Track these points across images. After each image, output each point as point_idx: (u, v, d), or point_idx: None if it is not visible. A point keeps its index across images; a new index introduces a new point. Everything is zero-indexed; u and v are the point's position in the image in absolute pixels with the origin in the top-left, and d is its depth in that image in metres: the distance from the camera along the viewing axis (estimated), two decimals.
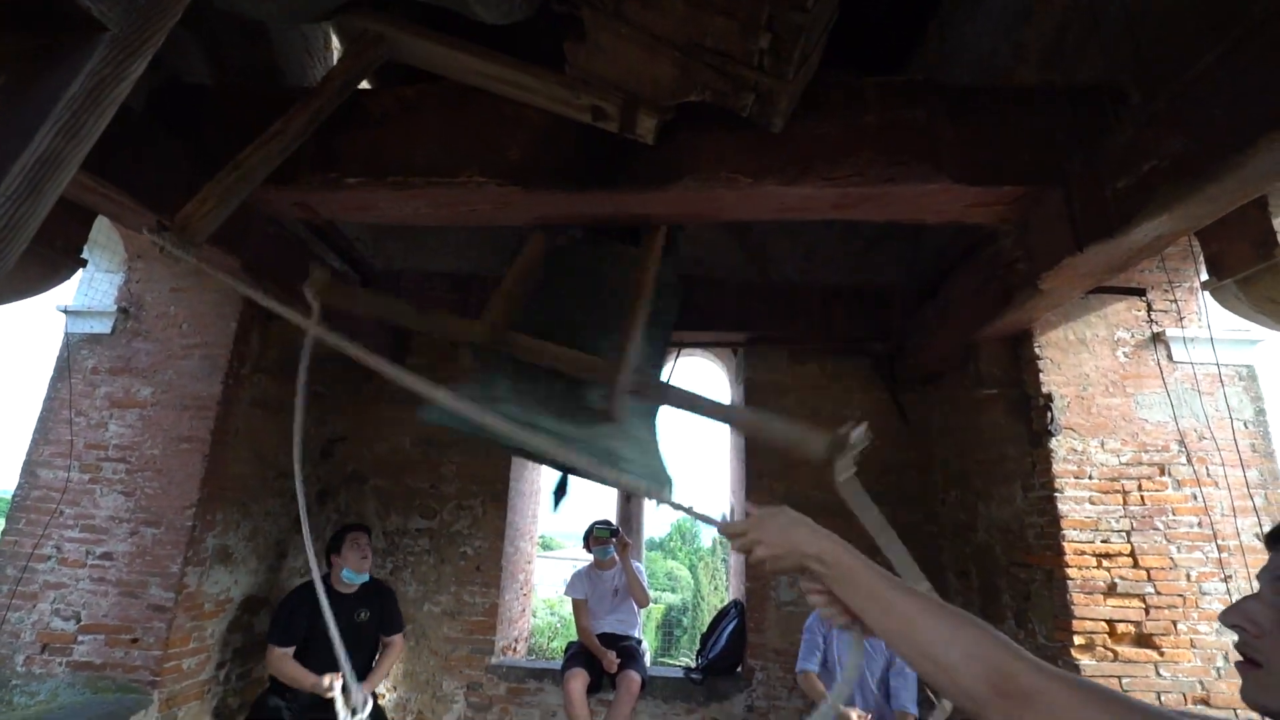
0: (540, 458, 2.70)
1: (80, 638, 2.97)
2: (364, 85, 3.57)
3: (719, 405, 2.15)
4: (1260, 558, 2.67)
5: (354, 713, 2.79)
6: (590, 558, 4.02)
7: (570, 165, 2.37)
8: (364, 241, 4.13)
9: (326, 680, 2.92)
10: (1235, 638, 0.76)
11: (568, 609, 5.03)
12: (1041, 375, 3.05)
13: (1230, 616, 0.76)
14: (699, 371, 8.04)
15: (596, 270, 2.60)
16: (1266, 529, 2.71)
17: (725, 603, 4.57)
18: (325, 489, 4.25)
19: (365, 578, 3.32)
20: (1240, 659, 0.75)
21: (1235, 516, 2.77)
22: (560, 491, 4.70)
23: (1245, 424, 2.89)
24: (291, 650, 3.11)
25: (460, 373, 4.29)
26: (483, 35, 2.22)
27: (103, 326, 3.37)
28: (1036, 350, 3.08)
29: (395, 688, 4.01)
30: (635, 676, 3.53)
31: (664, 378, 5.16)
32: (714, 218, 2.62)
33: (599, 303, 2.50)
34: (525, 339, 2.28)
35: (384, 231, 4.27)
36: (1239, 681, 2.34)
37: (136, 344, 3.34)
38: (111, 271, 3.47)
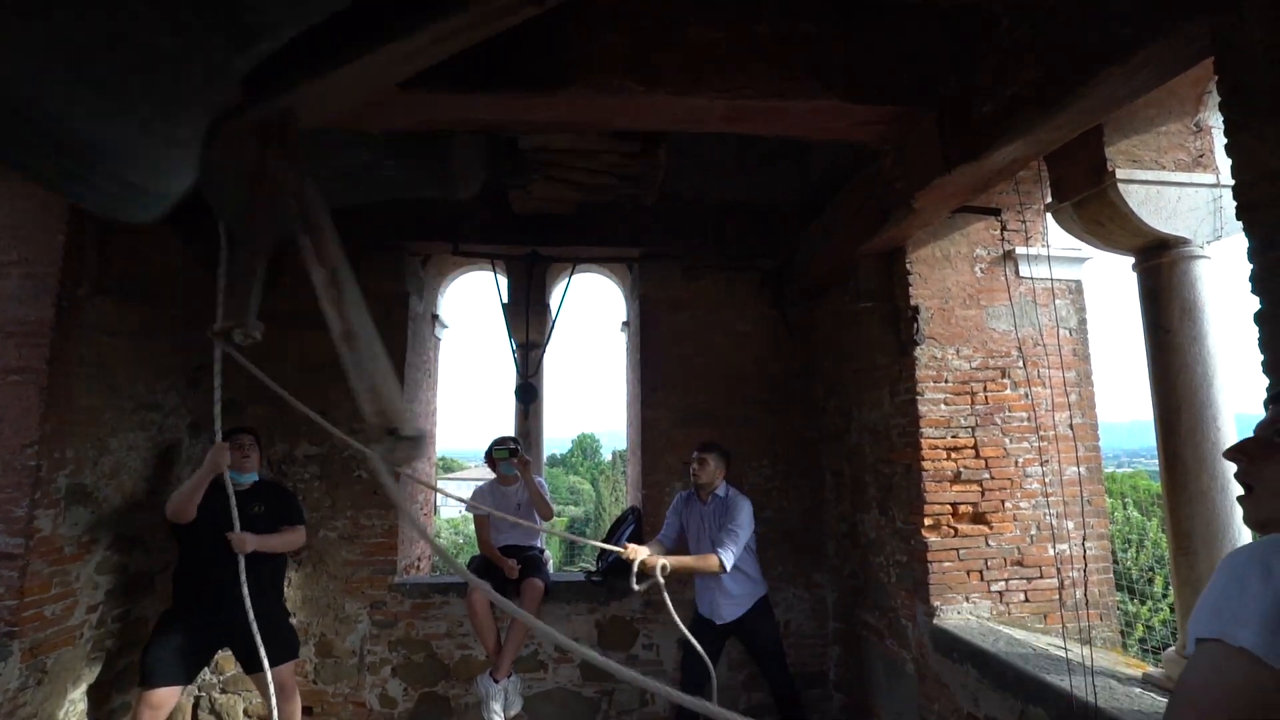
0: None
1: None
2: None
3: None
4: (1070, 444, 3.16)
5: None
6: (492, 475, 4.06)
7: (453, 64, 2.18)
8: None
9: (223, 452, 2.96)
10: (1053, 512, 0.95)
11: (471, 528, 5.12)
12: (911, 289, 3.31)
13: (1230, 452, 0.93)
14: (596, 287, 7.97)
15: None
16: (1074, 420, 3.17)
17: (624, 510, 4.81)
18: (197, 420, 3.94)
19: (253, 476, 3.27)
20: (1240, 490, 0.92)
21: (1054, 411, 3.23)
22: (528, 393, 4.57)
23: (1070, 332, 3.32)
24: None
25: None
26: None
27: None
28: (908, 266, 3.32)
29: (294, 614, 3.96)
30: (538, 583, 3.69)
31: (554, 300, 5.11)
32: (606, 125, 2.54)
33: None
34: None
35: None
36: (1046, 546, 2.81)
37: None
38: None
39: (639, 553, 3.25)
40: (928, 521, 3.15)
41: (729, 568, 3.24)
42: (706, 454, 3.50)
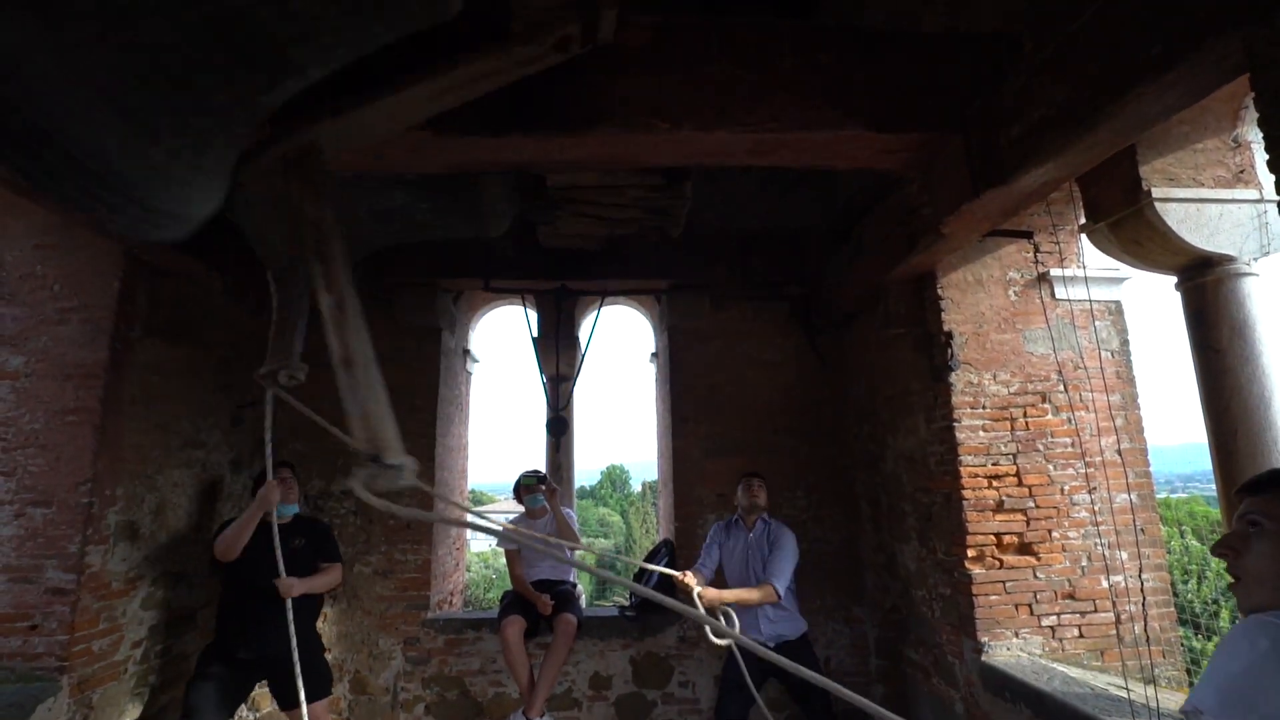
0: None
1: None
2: None
3: None
4: (1118, 470, 3.04)
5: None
6: (521, 509, 4.05)
7: (486, 107, 2.26)
8: None
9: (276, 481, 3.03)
10: (1104, 542, 1.05)
11: (502, 562, 5.11)
12: (943, 314, 3.26)
13: (1216, 548, 1.00)
14: (625, 319, 8.02)
15: None
16: (1121, 445, 3.07)
17: (656, 543, 4.75)
18: (238, 457, 4.04)
19: (294, 509, 3.34)
20: (1230, 580, 0.99)
21: (1100, 436, 3.12)
22: (559, 425, 4.63)
23: (1112, 354, 3.22)
24: None
25: None
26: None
27: None
28: (939, 291, 3.28)
29: (330, 649, 3.97)
30: (571, 618, 3.65)
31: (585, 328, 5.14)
32: (634, 163, 2.59)
33: None
34: None
35: None
36: (1099, 578, 2.72)
37: None
38: None
39: (693, 581, 3.11)
40: (971, 553, 3.04)
41: (782, 593, 3.18)
42: (755, 478, 3.55)
